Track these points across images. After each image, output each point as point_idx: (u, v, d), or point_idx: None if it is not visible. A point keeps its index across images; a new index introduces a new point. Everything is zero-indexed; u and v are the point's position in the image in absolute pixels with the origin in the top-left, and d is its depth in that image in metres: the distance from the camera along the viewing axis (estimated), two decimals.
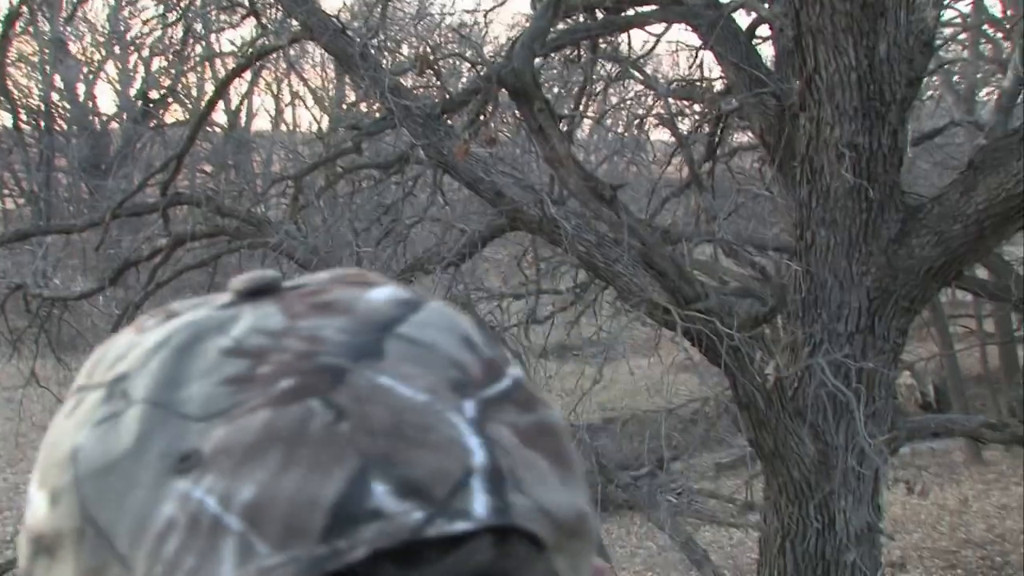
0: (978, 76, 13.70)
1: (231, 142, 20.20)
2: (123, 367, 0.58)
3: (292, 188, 9.24)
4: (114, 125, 27.11)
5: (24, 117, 25.43)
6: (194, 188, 10.02)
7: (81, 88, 27.57)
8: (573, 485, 0.59)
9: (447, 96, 7.58)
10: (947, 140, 11.06)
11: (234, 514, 0.50)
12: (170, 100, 15.43)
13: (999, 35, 12.10)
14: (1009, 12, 11.78)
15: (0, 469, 16.98)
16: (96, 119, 27.99)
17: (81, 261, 13.43)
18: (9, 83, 20.20)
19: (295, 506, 0.49)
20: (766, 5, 7.31)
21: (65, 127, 27.44)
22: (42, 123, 26.34)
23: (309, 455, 0.51)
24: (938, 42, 8.32)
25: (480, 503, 0.52)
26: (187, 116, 13.44)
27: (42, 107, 26.54)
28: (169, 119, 15.92)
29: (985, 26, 12.25)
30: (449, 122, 6.97)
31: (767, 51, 6.73)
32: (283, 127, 25.98)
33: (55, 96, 27.02)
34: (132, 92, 26.03)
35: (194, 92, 17.56)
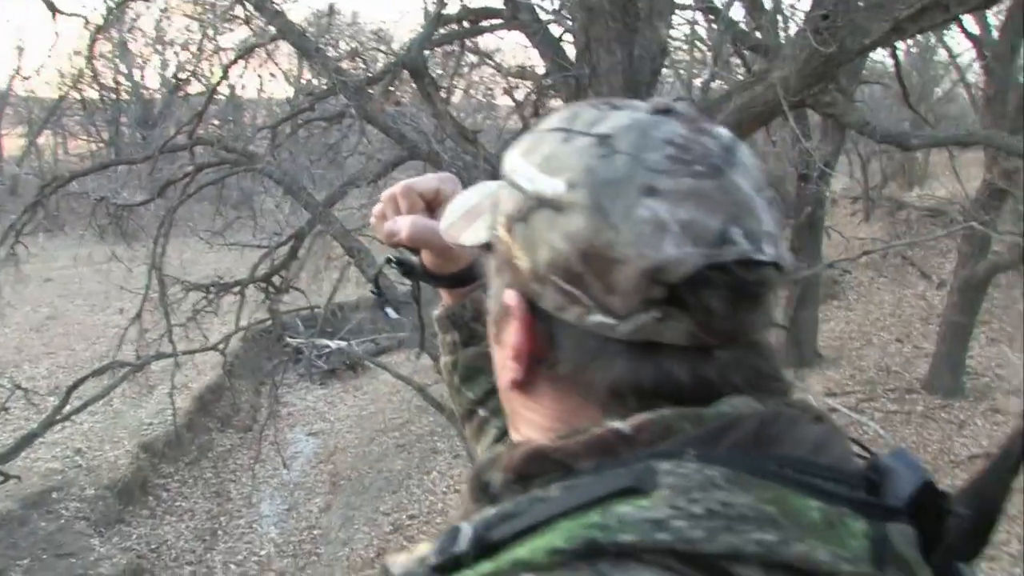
0: (694, 70, 13.88)
1: (231, 105, 20.11)
2: (605, 129, 0.64)
3: (270, 133, 9.06)
4: (157, 95, 27.14)
5: (102, 92, 25.16)
6: (208, 134, 9.76)
7: (136, 72, 27.62)
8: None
9: (369, 74, 7.47)
10: None
11: (675, 223, 0.59)
12: (192, 79, 15.04)
13: (705, 47, 12.19)
14: (707, 33, 11.93)
15: (102, 309, 16.71)
16: (146, 92, 28.02)
17: (139, 181, 13.03)
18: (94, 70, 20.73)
19: (701, 228, 0.59)
20: (569, 22, 7.31)
21: (127, 97, 27.25)
22: (113, 96, 26.35)
23: (708, 204, 0.60)
24: (670, 48, 8.37)
25: (770, 249, 0.62)
26: (204, 89, 13.01)
27: (113, 84, 26.39)
28: (192, 91, 15.54)
29: (697, 41, 12.32)
30: (370, 91, 6.85)
31: (571, 50, 6.70)
32: (263, 95, 26.10)
33: (121, 78, 26.92)
34: (168, 73, 26.24)
35: (208, 73, 17.21)
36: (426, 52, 6.94)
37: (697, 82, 13.66)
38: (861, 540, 0.55)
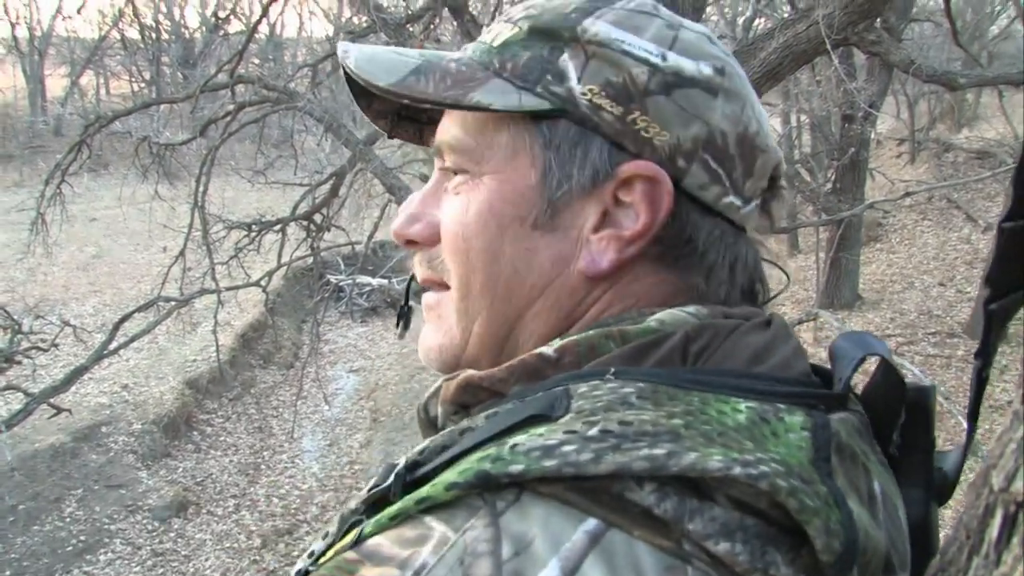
0: (738, 8, 13.67)
1: (271, 43, 20.05)
2: (701, 28, 0.67)
3: (310, 72, 9.10)
4: (197, 34, 27.10)
5: (143, 31, 25.32)
6: (249, 73, 9.78)
7: (176, 11, 27.59)
8: None
9: (409, 11, 7.42)
10: None
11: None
12: (233, 17, 15.00)
13: None
14: None
15: (146, 247, 16.91)
16: (186, 31, 27.95)
17: (181, 121, 13.12)
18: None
19: None
20: None
21: (167, 36, 27.10)
22: (153, 35, 26.27)
23: None
24: None
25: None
26: (244, 27, 13.00)
27: (153, 24, 26.29)
28: (232, 29, 15.51)
29: None
30: (410, 28, 6.82)
31: None
32: (304, 34, 25.96)
33: (161, 16, 26.86)
34: (208, 12, 26.12)
35: (248, 12, 17.16)
36: None
37: (740, 20, 13.49)
38: (799, 433, 0.52)
